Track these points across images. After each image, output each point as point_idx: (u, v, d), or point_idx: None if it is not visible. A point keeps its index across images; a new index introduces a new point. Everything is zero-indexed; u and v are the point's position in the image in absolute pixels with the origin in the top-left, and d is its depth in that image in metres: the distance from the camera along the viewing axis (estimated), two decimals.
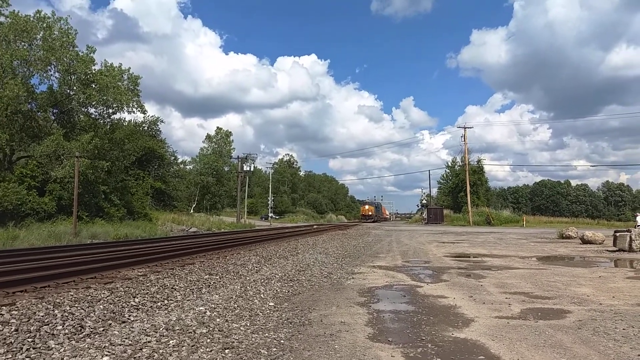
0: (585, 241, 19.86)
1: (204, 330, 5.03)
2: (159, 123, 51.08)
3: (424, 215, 65.31)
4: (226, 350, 4.39)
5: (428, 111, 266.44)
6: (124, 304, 6.02)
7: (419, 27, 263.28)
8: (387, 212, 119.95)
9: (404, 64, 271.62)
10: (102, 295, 6.42)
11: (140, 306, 6.04)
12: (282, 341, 4.79)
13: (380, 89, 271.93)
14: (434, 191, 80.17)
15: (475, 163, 62.61)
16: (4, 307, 5.36)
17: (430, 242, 21.00)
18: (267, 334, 5.04)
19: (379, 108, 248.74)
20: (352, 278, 9.43)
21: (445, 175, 73.15)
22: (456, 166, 65.70)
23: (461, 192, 59.28)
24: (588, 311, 6.22)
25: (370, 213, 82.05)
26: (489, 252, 15.65)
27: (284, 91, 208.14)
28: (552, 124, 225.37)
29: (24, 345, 4.25)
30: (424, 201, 79.94)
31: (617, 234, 16.62)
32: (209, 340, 4.71)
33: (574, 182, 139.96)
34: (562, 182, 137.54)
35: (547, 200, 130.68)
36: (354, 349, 4.51)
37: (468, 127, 58.80)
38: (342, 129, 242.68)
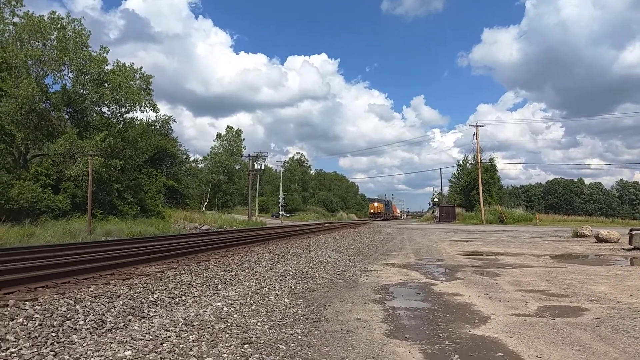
0: (600, 239, 19.65)
1: (223, 326, 5.09)
2: (170, 122, 51.41)
3: (435, 213, 65.05)
4: (245, 345, 4.44)
5: (439, 110, 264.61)
6: (143, 300, 6.12)
7: (430, 26, 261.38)
8: (398, 211, 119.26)
9: (415, 63, 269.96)
10: (122, 291, 6.52)
11: (158, 302, 6.13)
12: (299, 337, 4.83)
13: (391, 88, 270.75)
14: (446, 189, 79.76)
15: (488, 161, 62.18)
16: (27, 303, 5.47)
17: (443, 241, 20.93)
18: (284, 330, 5.09)
19: (390, 107, 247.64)
20: (366, 275, 9.45)
21: (456, 174, 72.81)
22: (468, 164, 65.30)
23: (473, 191, 58.92)
24: (606, 309, 6.18)
25: (379, 211, 79.53)
26: (502, 251, 15.56)
27: (294, 90, 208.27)
28: (565, 123, 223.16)
29: (48, 339, 4.34)
30: (436, 199, 79.61)
31: (633, 232, 16.41)
32: (227, 335, 4.77)
33: (587, 181, 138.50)
34: (576, 180, 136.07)
35: (561, 199, 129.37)
36: (372, 345, 4.54)
37: (480, 126, 58.39)
38: (352, 127, 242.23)
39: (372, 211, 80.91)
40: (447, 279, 9.05)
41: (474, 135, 57.36)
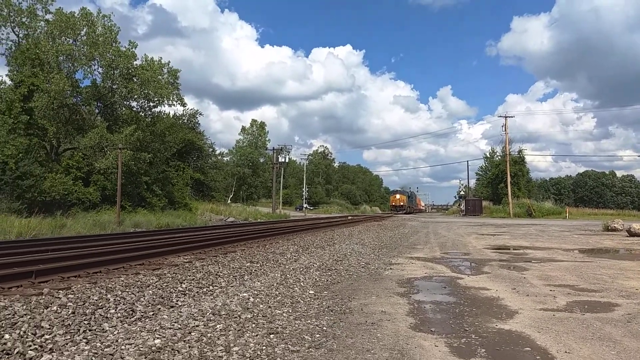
0: (632, 234, 19.09)
1: (249, 316, 5.17)
2: (197, 116, 52.14)
3: (461, 206, 64.14)
4: (271, 335, 4.50)
5: (467, 100, 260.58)
6: (171, 290, 6.25)
7: (458, 15, 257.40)
8: (423, 204, 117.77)
9: (441, 53, 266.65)
10: (151, 281, 6.67)
11: (187, 292, 6.26)
12: (324, 328, 4.86)
13: (417, 79, 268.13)
14: (472, 182, 78.52)
15: (516, 153, 60.93)
16: (60, 291, 5.66)
17: (469, 234, 20.68)
18: (309, 321, 5.13)
19: (415, 98, 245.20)
20: (390, 269, 9.42)
21: (484, 166, 71.61)
22: (496, 156, 64.12)
23: (501, 183, 57.86)
24: (637, 304, 6.02)
25: (402, 203, 73.26)
26: (530, 245, 15.28)
27: (319, 83, 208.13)
28: (597, 113, 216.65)
29: (80, 327, 4.48)
30: (462, 192, 78.27)
31: None
32: (254, 325, 4.84)
33: (619, 173, 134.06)
34: (607, 172, 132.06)
35: (591, 192, 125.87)
36: (397, 338, 4.54)
37: (509, 117, 57.13)
38: (377, 119, 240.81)
39: (393, 203, 74.77)
40: (474, 273, 8.95)
41: (502, 126, 56.29)
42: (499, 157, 61.51)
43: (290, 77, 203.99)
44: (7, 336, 4.00)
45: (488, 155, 68.39)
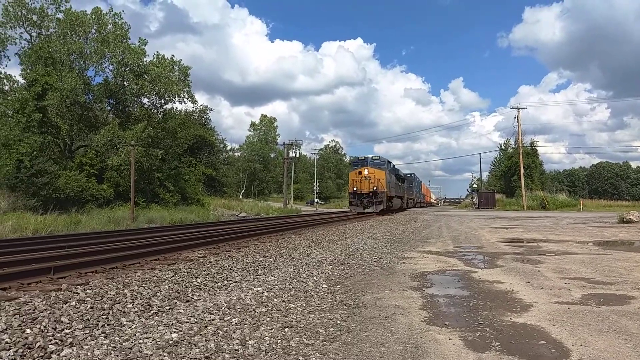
0: None
1: (263, 310, 5.22)
2: (208, 112, 52.42)
3: (474, 199, 63.68)
4: (286, 329, 4.54)
5: (479, 92, 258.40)
6: (187, 284, 6.33)
7: (469, 7, 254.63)
8: (434, 196, 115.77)
9: (453, 45, 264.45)
10: (167, 276, 6.76)
11: (202, 286, 6.33)
12: (338, 322, 4.89)
13: (428, 71, 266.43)
14: (485, 175, 77.93)
15: (529, 145, 60.33)
16: (79, 287, 5.76)
17: (482, 227, 20.57)
18: (323, 315, 5.16)
19: (427, 90, 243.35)
20: (403, 263, 9.42)
21: (497, 159, 71.04)
22: (509, 149, 63.56)
23: (514, 176, 57.39)
24: None
25: (374, 188, 32.47)
26: (544, 237, 15.16)
27: (329, 76, 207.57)
28: (611, 103, 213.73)
29: (99, 321, 4.57)
30: (475, 185, 77.61)
31: None
32: (268, 319, 4.89)
33: (634, 164, 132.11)
34: (622, 164, 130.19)
35: (606, 183, 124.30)
36: (411, 332, 4.55)
37: (521, 108, 56.31)
38: (388, 113, 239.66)
39: (355, 188, 33.19)
40: (487, 267, 8.92)
41: (515, 118, 55.56)
42: (512, 149, 60.96)
43: (300, 72, 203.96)
44: (28, 331, 4.10)
45: (503, 147, 67.78)
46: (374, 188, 32.21)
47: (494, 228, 20.21)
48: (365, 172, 32.59)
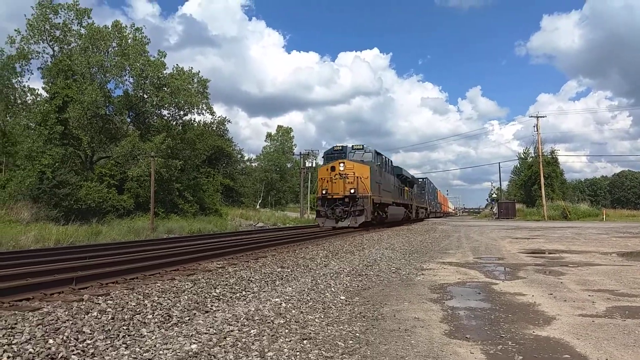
0: None
1: (282, 321, 5.21)
2: (226, 123, 52.98)
3: (494, 209, 62.90)
4: (304, 341, 4.52)
5: (497, 101, 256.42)
6: (206, 295, 6.36)
7: (485, 16, 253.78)
8: (452, 206, 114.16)
9: (470, 53, 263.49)
10: (186, 286, 6.80)
11: (221, 297, 6.35)
12: (357, 334, 4.86)
13: (445, 80, 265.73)
14: (505, 184, 76.91)
15: (549, 154, 59.47)
16: (100, 297, 5.83)
17: (503, 238, 20.27)
18: (341, 327, 5.13)
19: (444, 99, 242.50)
20: (422, 274, 9.33)
21: (516, 168, 70.13)
22: (528, 157, 62.73)
23: (534, 185, 56.56)
24: None
25: (352, 191, 22.07)
26: (567, 248, 14.87)
27: (346, 87, 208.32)
28: (633, 111, 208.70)
29: (120, 332, 4.61)
30: (494, 195, 76.59)
31: None
32: (287, 330, 4.88)
33: None
34: None
35: (629, 192, 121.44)
36: (431, 345, 4.49)
37: (540, 117, 55.65)
38: (404, 122, 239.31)
39: (325, 191, 22.91)
40: (509, 278, 8.78)
41: (534, 126, 54.93)
42: (532, 158, 60.15)
43: (317, 82, 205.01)
44: (51, 341, 4.15)
45: (522, 156, 66.91)
46: (352, 190, 21.82)
47: (514, 239, 19.90)
48: (341, 166, 22.25)
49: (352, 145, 23.91)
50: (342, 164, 22.57)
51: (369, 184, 22.56)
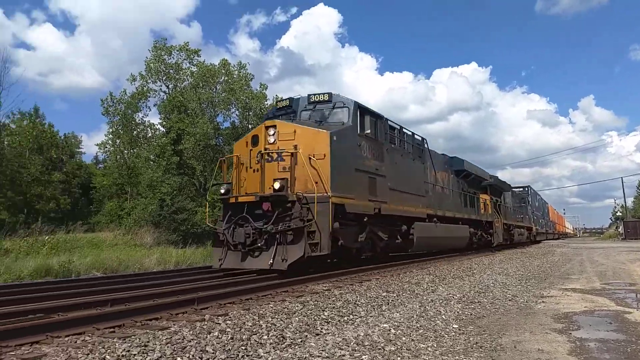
0: None
1: (393, 348, 5.10)
2: None
3: (619, 229, 56.74)
4: None
5: (614, 110, 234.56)
6: (315, 317, 6.45)
7: (592, 22, 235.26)
8: (570, 226, 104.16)
9: (577, 61, 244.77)
10: (296, 308, 6.97)
11: (329, 319, 6.41)
12: None
13: (552, 91, 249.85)
14: (630, 201, 69.14)
15: None
16: (219, 317, 6.17)
17: (633, 261, 18.15)
18: (457, 357, 4.90)
19: (553, 111, 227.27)
20: (542, 302, 8.63)
21: None
22: None
23: None
24: None
25: (276, 188, 10.27)
26: None
27: (442, 103, 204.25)
28: None
29: (239, 352, 4.81)
30: (619, 213, 69.16)
31: None
32: (399, 358, 4.77)
33: None
34: None
35: None
36: None
37: None
38: (509, 137, 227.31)
39: (226, 189, 11.96)
40: None
41: None
42: None
43: (411, 101, 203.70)
44: (179, 359, 4.46)
45: None
46: (277, 185, 10.41)
47: None
48: (270, 134, 11.27)
49: (310, 95, 12.86)
50: (272, 130, 11.29)
51: (328, 170, 10.87)
